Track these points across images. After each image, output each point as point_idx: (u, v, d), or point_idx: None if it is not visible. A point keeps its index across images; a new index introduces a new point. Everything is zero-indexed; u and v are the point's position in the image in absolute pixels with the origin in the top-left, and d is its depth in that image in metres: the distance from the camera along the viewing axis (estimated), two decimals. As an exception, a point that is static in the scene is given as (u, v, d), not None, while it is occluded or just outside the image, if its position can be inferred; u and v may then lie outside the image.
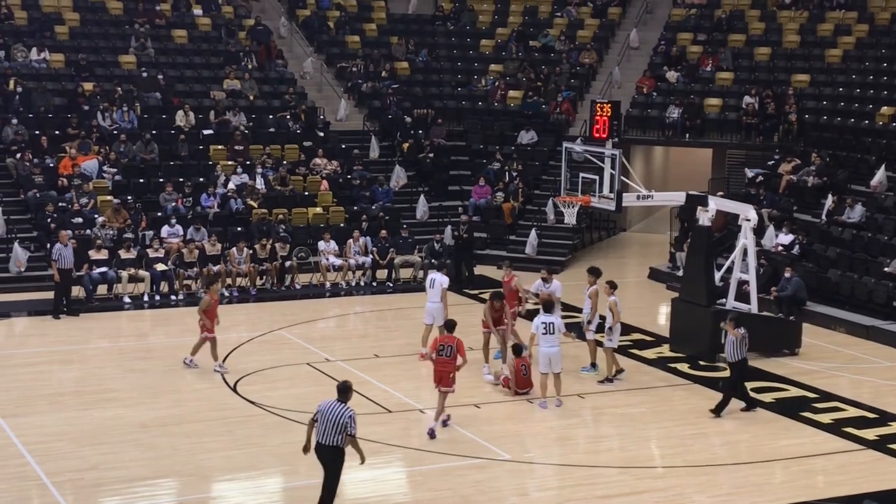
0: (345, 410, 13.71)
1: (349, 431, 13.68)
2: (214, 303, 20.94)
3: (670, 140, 35.92)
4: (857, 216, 28.29)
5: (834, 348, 23.84)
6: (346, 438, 13.73)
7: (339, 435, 13.68)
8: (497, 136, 35.72)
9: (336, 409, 13.74)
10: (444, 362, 17.78)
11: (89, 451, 16.65)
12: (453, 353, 17.77)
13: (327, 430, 13.70)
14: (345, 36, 39.10)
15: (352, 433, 13.69)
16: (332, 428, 13.67)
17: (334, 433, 13.68)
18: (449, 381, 17.79)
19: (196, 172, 31.10)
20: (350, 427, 13.66)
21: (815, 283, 26.38)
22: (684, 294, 23.36)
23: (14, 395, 19.29)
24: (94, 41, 35.35)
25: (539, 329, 18.89)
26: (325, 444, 13.77)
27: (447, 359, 17.76)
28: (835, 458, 17.38)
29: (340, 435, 13.68)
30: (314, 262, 28.61)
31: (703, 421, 18.86)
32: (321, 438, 13.77)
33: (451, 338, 18.01)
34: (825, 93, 35.14)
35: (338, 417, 13.66)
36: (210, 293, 21.14)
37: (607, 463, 16.88)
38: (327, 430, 13.70)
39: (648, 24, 39.90)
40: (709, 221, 22.84)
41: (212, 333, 20.76)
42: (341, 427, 13.65)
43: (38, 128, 30.97)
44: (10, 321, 24.91)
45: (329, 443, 13.73)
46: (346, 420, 13.64)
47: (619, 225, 36.99)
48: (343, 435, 13.70)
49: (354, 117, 36.15)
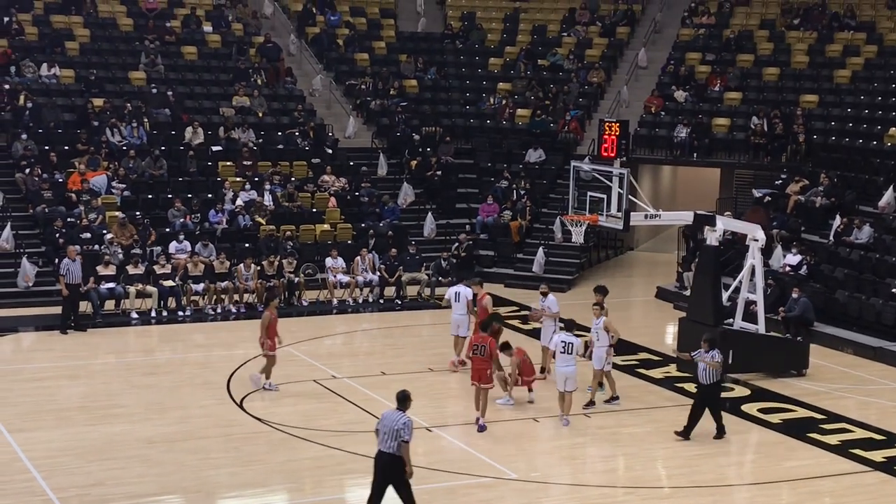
0: (400, 418, 13.96)
1: (403, 437, 13.86)
2: (274, 319, 20.57)
3: (678, 159, 35.92)
4: (865, 237, 28.26)
5: (841, 369, 23.78)
6: (400, 445, 13.90)
7: (396, 442, 13.89)
8: (505, 155, 35.76)
9: (394, 417, 14.00)
10: (480, 360, 18.79)
11: (95, 466, 16.65)
12: (487, 352, 18.76)
13: (386, 438, 13.96)
14: (354, 53, 39.22)
15: (406, 439, 13.88)
16: (391, 435, 13.91)
17: (392, 440, 13.90)
18: (488, 379, 18.74)
19: (204, 189, 31.18)
20: (404, 433, 13.86)
21: (823, 304, 26.34)
22: (691, 314, 23.33)
23: (21, 410, 19.30)
24: (104, 57, 35.49)
25: (559, 347, 18.87)
26: (384, 452, 14.02)
27: (482, 357, 18.78)
28: (842, 479, 17.31)
29: (396, 442, 13.89)
30: (321, 279, 28.63)
31: (710, 441, 18.80)
32: (381, 446, 14.03)
33: (485, 337, 19.02)
34: (833, 113, 35.14)
35: (393, 425, 13.90)
36: (269, 309, 20.68)
37: (613, 483, 16.85)
38: (386, 438, 13.96)
39: (657, 43, 39.96)
40: (717, 241, 22.84)
41: (273, 351, 20.51)
42: (397, 434, 13.86)
43: (48, 143, 31.07)
44: (18, 336, 24.96)
45: (388, 450, 13.96)
46: (401, 427, 13.87)
47: (626, 244, 36.98)
48: (397, 442, 13.89)
49: (363, 134, 36.22)
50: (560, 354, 18.85)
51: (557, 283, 30.65)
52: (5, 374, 21.79)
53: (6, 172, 30.22)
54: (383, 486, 14.13)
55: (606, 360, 20.14)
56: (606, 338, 20.05)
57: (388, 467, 13.99)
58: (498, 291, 29.02)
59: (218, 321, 26.53)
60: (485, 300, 22.03)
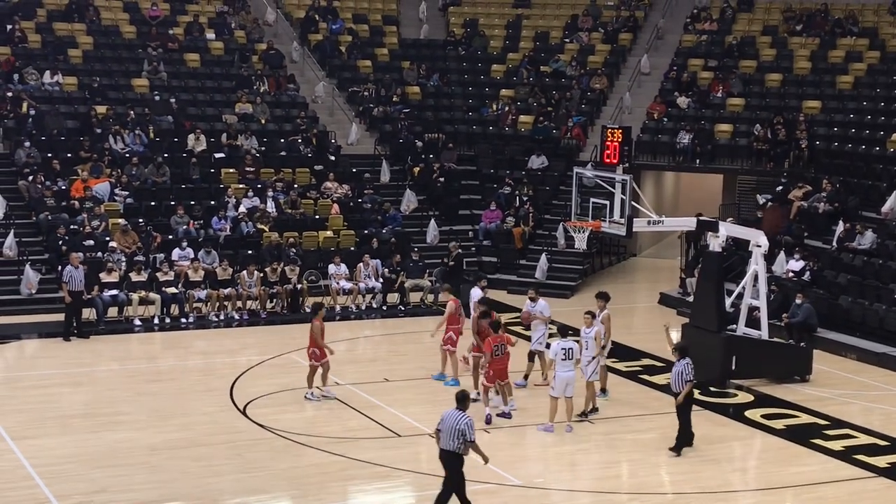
0: (462, 418, 14.57)
1: (468, 438, 14.49)
2: (321, 328, 20.57)
3: (681, 165, 35.91)
4: (867, 243, 28.25)
5: (845, 375, 23.76)
6: (465, 445, 14.50)
7: (457, 440, 14.48)
8: (508, 161, 35.78)
9: (455, 417, 14.59)
10: (500, 360, 19.37)
11: (99, 473, 16.65)
12: (506, 350, 19.41)
13: (447, 437, 14.57)
14: (356, 60, 39.25)
15: (471, 439, 14.53)
16: (451, 434, 14.52)
17: (452, 439, 14.51)
18: (507, 374, 19.48)
19: (207, 195, 31.19)
20: (468, 434, 14.49)
21: (826, 310, 26.30)
22: (695, 319, 23.32)
23: (24, 418, 19.30)
24: (107, 65, 35.53)
25: (559, 355, 18.84)
26: (445, 450, 14.65)
27: (502, 357, 19.35)
28: (846, 485, 17.29)
29: (458, 441, 14.48)
30: (324, 286, 28.63)
31: (714, 447, 18.79)
32: (443, 444, 14.65)
33: (502, 336, 19.52)
34: (836, 119, 35.15)
35: (455, 424, 14.50)
36: (317, 319, 20.57)
37: (617, 489, 16.82)
38: (447, 437, 14.57)
39: (659, 49, 39.99)
40: (720, 247, 22.84)
41: (324, 359, 20.44)
42: (458, 433, 14.46)
43: (51, 150, 31.10)
44: (21, 343, 24.97)
45: (448, 448, 14.58)
46: (463, 427, 14.48)
47: (629, 250, 36.97)
48: (461, 441, 14.47)
49: (365, 141, 36.24)
50: (561, 361, 18.82)
51: (560, 290, 30.76)
52: (8, 382, 21.81)
53: (9, 180, 30.26)
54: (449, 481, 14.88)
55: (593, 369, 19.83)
56: (595, 348, 19.84)
57: (447, 463, 14.68)
58: (501, 298, 29.07)
59: (221, 328, 26.54)
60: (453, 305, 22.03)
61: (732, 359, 22.34)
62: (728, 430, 19.88)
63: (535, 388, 21.34)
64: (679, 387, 18.17)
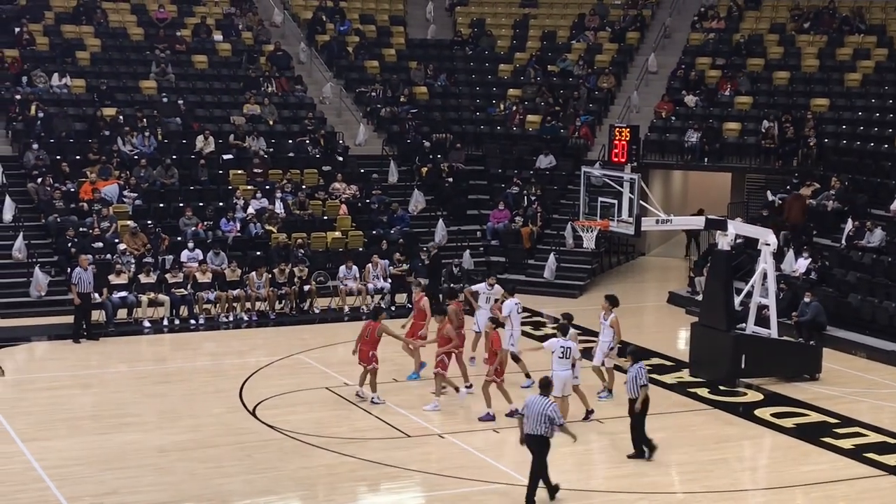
0: (548, 403, 15.48)
1: (557, 422, 15.48)
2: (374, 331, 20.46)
3: (689, 164, 35.87)
4: (876, 240, 28.19)
5: (854, 373, 23.72)
6: (552, 428, 15.42)
7: (543, 425, 15.36)
8: (515, 161, 35.76)
9: (540, 402, 15.46)
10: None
11: (108, 475, 16.68)
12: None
13: (533, 422, 15.42)
14: (364, 61, 39.26)
15: (559, 423, 15.52)
16: (537, 419, 15.38)
17: (539, 423, 15.38)
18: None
19: (216, 197, 31.23)
20: (556, 419, 15.47)
21: (836, 308, 26.26)
22: (704, 319, 23.29)
23: (34, 420, 19.34)
24: (114, 67, 35.58)
25: (557, 352, 18.82)
26: (532, 434, 15.51)
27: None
28: (856, 483, 17.26)
29: (544, 425, 15.36)
30: (333, 287, 28.64)
31: (724, 446, 18.79)
32: (529, 429, 15.51)
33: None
34: (844, 117, 35.07)
35: (541, 409, 15.36)
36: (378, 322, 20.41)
37: (626, 488, 16.80)
38: (533, 422, 15.42)
39: (667, 48, 39.93)
40: (728, 246, 22.81)
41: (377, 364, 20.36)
42: (546, 418, 15.34)
43: (59, 153, 31.16)
44: (31, 345, 25.02)
45: (535, 432, 15.46)
46: (550, 413, 15.40)
47: (637, 249, 36.93)
48: (546, 424, 15.37)
49: (373, 142, 36.25)
50: (558, 360, 18.77)
51: (569, 289, 30.76)
52: (18, 384, 21.86)
53: (18, 182, 30.31)
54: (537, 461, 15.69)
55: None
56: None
57: (534, 447, 15.52)
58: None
59: (230, 329, 26.57)
60: (422, 302, 22.26)
61: (742, 357, 22.32)
62: (738, 428, 19.86)
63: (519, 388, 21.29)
64: (634, 392, 17.92)
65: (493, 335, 20.09)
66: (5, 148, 31.53)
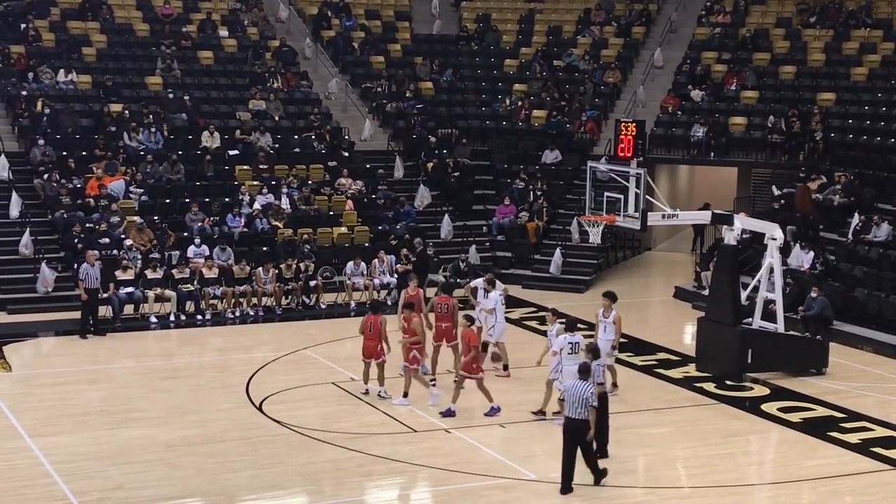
0: (588, 386, 15.84)
1: (591, 403, 15.74)
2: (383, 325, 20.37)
3: (695, 159, 35.84)
4: (883, 235, 28.16)
5: (861, 368, 23.69)
6: (588, 410, 15.70)
7: (582, 407, 15.71)
8: (521, 156, 35.76)
9: (580, 387, 15.80)
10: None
11: (116, 470, 16.70)
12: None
13: (574, 406, 15.77)
14: (369, 56, 39.27)
15: (593, 404, 15.78)
16: (578, 403, 15.72)
17: (580, 407, 15.72)
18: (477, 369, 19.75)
19: (222, 193, 31.25)
20: (591, 400, 15.74)
21: (842, 303, 26.24)
22: (710, 313, 23.28)
23: (41, 415, 19.38)
24: (120, 63, 35.62)
25: (566, 348, 18.82)
26: (572, 418, 15.83)
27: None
28: (863, 478, 17.24)
29: (583, 408, 15.70)
30: (339, 282, 28.65)
31: (730, 441, 18.77)
32: (569, 413, 15.85)
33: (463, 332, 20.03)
34: (851, 111, 35.03)
35: (581, 393, 15.71)
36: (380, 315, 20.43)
37: (633, 483, 16.81)
38: (574, 406, 15.77)
39: (672, 43, 39.89)
40: (735, 241, 22.79)
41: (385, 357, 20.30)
42: (584, 401, 15.69)
43: (66, 149, 31.20)
44: (38, 341, 25.06)
45: (576, 416, 15.78)
46: (588, 395, 15.73)
47: (643, 244, 36.92)
48: (585, 407, 15.68)
49: (379, 137, 36.26)
50: (567, 355, 18.78)
51: (575, 284, 30.74)
52: (26, 379, 21.91)
53: (25, 178, 30.36)
54: (574, 450, 15.97)
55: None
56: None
57: (577, 432, 15.83)
58: (515, 293, 28.98)
59: (236, 325, 26.61)
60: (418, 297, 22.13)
61: (748, 352, 22.30)
62: (744, 423, 19.84)
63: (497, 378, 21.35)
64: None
65: (466, 332, 19.72)
66: (12, 144, 31.57)
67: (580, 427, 15.79)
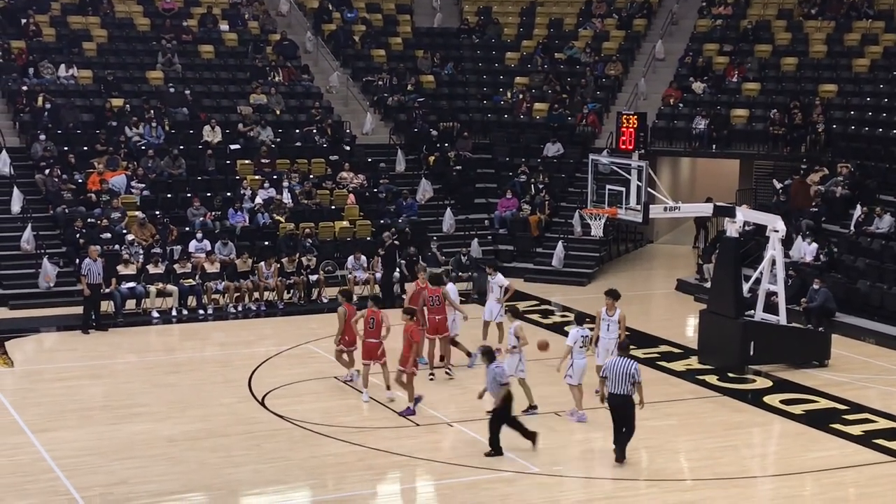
0: (630, 363, 16.49)
1: (636, 378, 16.42)
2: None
3: (697, 151, 35.83)
4: (886, 226, 28.13)
5: (863, 359, 23.68)
6: (634, 386, 16.39)
7: (628, 384, 16.37)
8: (523, 149, 35.73)
9: (622, 363, 16.49)
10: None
11: (118, 465, 16.71)
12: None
13: (617, 382, 16.44)
14: (370, 50, 39.24)
15: (638, 380, 16.48)
16: (621, 378, 16.40)
17: (623, 383, 16.40)
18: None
19: (223, 187, 31.25)
20: (636, 375, 16.43)
21: (845, 294, 26.22)
22: (712, 306, 23.27)
23: (43, 410, 19.39)
24: (121, 57, 35.60)
25: (577, 342, 18.77)
26: (616, 394, 16.50)
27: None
28: (865, 469, 17.24)
29: (628, 384, 16.36)
30: (341, 276, 28.65)
31: (733, 433, 18.77)
32: (613, 389, 16.51)
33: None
34: (853, 103, 34.99)
35: (625, 369, 16.39)
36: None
37: (636, 476, 16.80)
38: (617, 382, 16.44)
39: (674, 35, 39.84)
40: (736, 233, 22.77)
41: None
42: (629, 377, 16.35)
43: (67, 144, 31.19)
44: (40, 336, 25.07)
45: (619, 391, 16.46)
46: (633, 371, 16.40)
47: (645, 237, 36.90)
48: (631, 382, 16.37)
49: (380, 131, 36.24)
50: (577, 349, 18.76)
51: (577, 277, 30.74)
52: (28, 375, 21.92)
53: (26, 174, 30.35)
54: (621, 425, 16.69)
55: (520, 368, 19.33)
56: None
57: (621, 407, 16.54)
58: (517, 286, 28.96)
59: (238, 319, 26.61)
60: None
61: (750, 344, 22.30)
62: (747, 415, 19.84)
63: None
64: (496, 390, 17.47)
65: (408, 326, 19.39)
66: (13, 139, 31.57)
67: (623, 402, 16.46)
